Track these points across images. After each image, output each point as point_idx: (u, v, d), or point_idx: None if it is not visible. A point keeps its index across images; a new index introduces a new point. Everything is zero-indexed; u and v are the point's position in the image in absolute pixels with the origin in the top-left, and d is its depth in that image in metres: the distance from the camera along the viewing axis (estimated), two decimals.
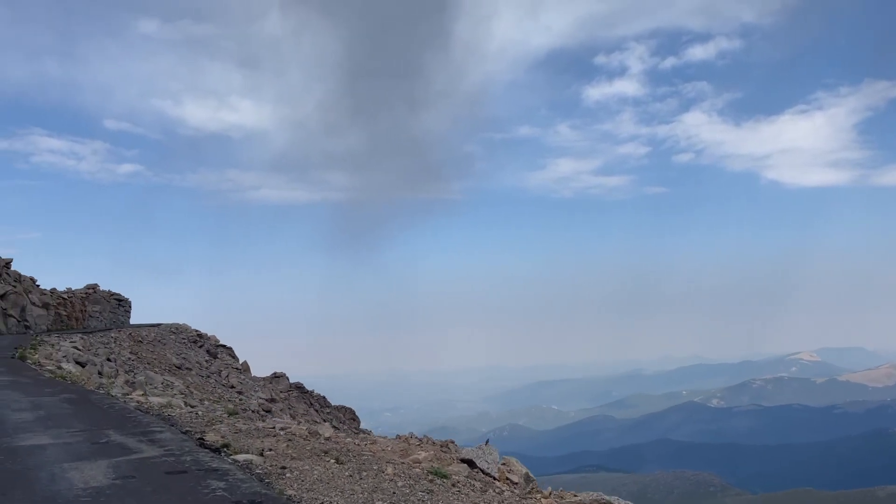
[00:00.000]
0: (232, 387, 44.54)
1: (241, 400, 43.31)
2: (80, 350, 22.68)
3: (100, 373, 18.56)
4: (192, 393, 37.03)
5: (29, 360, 19.38)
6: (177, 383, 36.66)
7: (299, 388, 66.48)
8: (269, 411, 44.38)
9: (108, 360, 30.46)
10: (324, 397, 72.46)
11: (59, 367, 17.29)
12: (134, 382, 20.10)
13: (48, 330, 48.28)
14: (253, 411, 41.33)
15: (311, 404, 66.23)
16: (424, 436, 16.89)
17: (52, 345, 24.73)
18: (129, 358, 37.52)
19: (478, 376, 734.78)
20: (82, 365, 18.44)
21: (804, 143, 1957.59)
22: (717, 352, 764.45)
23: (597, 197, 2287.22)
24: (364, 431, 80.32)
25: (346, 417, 74.14)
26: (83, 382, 15.88)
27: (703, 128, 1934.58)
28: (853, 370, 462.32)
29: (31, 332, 46.24)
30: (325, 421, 63.53)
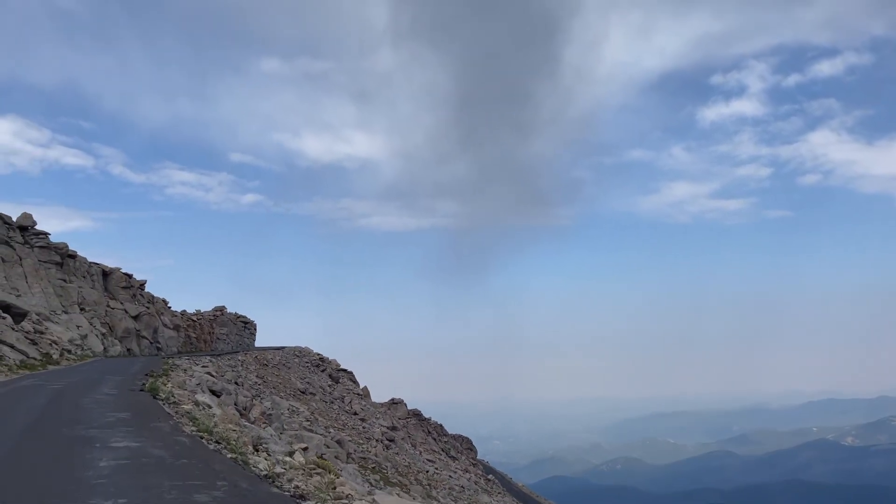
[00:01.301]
0: (355, 413, 43.69)
1: (364, 427, 42.27)
2: (213, 377, 21.74)
3: (235, 403, 17.39)
4: (317, 420, 36.20)
5: (161, 394, 15.83)
6: (302, 409, 35.92)
7: (417, 415, 65.32)
8: (392, 440, 43.11)
9: (236, 383, 29.92)
10: (441, 425, 70.99)
11: (197, 404, 14.73)
12: (271, 415, 18.88)
13: (178, 352, 49.27)
14: (377, 440, 40.13)
15: (430, 432, 64.87)
16: None
17: (185, 370, 23.82)
18: (256, 382, 37.19)
19: (589, 407, 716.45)
20: (217, 395, 17.30)
21: None
22: (850, 386, 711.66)
23: (715, 221, 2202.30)
24: (482, 462, 78.22)
25: (464, 447, 72.39)
26: (236, 437, 11.77)
27: (831, 147, 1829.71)
28: None
29: (163, 353, 47.24)
30: (442, 450, 61.93)
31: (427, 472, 41.07)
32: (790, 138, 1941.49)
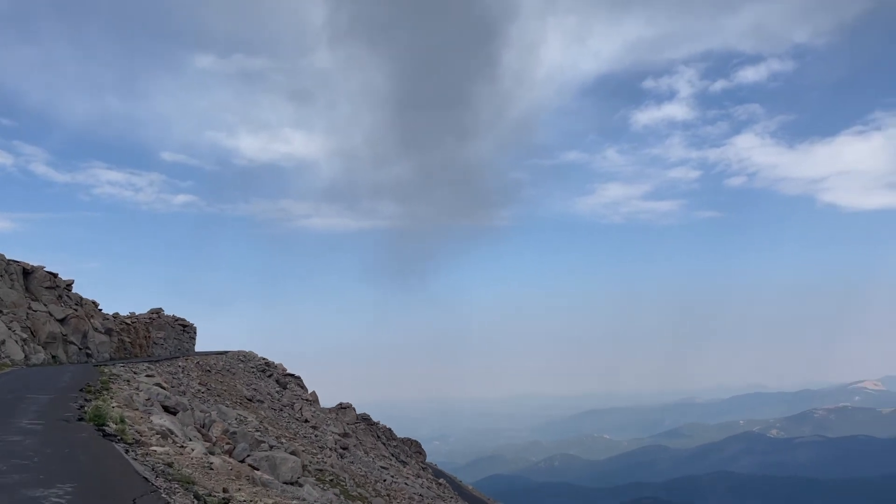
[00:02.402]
0: (306, 421, 41.06)
1: (316, 436, 39.71)
2: (164, 388, 18.82)
3: (194, 421, 14.85)
4: (267, 430, 33.53)
5: (110, 423, 10.91)
6: (250, 418, 33.16)
7: (366, 419, 63.12)
8: (346, 448, 40.69)
9: (181, 392, 27.12)
10: (390, 429, 68.92)
11: (164, 437, 10.61)
12: (235, 433, 16.38)
13: (111, 358, 45.43)
14: (331, 449, 37.67)
15: (379, 437, 62.67)
16: None
17: (128, 381, 19.97)
18: (199, 390, 34.33)
19: (527, 405, 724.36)
20: (173, 412, 14.64)
21: (862, 164, 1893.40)
22: (773, 380, 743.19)
23: (647, 222, 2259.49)
24: (431, 465, 76.28)
25: (412, 451, 70.42)
26: None
27: (755, 151, 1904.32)
28: None
29: (93, 360, 43.40)
30: (392, 455, 59.77)
31: (384, 480, 38.90)
32: (717, 142, 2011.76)
